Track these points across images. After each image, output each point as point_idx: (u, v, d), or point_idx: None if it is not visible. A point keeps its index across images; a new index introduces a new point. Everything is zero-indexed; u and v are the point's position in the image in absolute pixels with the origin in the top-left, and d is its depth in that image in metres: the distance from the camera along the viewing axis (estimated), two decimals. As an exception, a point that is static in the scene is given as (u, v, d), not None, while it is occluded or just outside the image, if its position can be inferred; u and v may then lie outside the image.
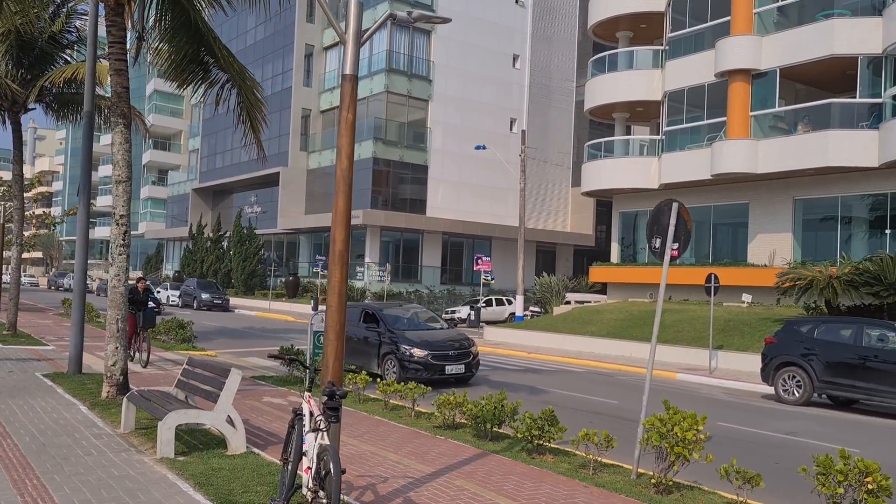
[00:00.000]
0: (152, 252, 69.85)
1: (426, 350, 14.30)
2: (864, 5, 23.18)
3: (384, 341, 14.75)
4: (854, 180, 23.40)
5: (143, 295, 15.62)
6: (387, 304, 17.42)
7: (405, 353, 14.23)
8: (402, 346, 14.33)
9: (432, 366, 14.21)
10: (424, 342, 14.51)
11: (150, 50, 12.21)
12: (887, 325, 14.31)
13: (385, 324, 15.06)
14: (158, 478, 6.56)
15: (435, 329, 15.91)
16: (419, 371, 14.01)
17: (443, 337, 15.18)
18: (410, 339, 14.55)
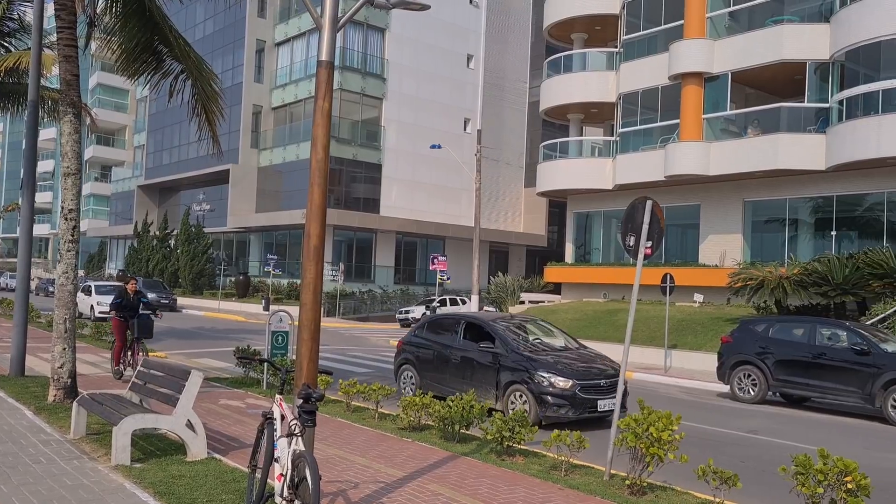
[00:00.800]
0: (95, 250, 67.75)
1: (571, 379, 10.60)
2: (813, 12, 23.77)
3: (505, 366, 11.04)
4: (802, 183, 23.97)
5: (133, 298, 13.02)
6: (490, 314, 13.72)
7: (543, 384, 10.51)
8: (537, 374, 10.60)
9: (581, 401, 10.51)
10: (566, 368, 10.88)
11: (100, 37, 11.67)
12: (839, 324, 14.64)
13: (504, 342, 11.35)
14: (115, 486, 6.19)
15: (566, 349, 12.00)
16: (563, 408, 10.42)
17: (582, 361, 11.46)
18: (547, 364, 10.84)
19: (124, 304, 12.88)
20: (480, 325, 12.10)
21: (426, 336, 12.78)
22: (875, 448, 10.55)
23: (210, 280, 45.47)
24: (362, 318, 38.31)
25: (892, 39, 20.70)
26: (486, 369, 11.33)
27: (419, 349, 12.67)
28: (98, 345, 18.09)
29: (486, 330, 11.86)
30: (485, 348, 11.42)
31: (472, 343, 11.89)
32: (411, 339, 12.99)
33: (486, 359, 11.39)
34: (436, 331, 12.73)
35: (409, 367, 12.78)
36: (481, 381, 11.32)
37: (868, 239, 22.66)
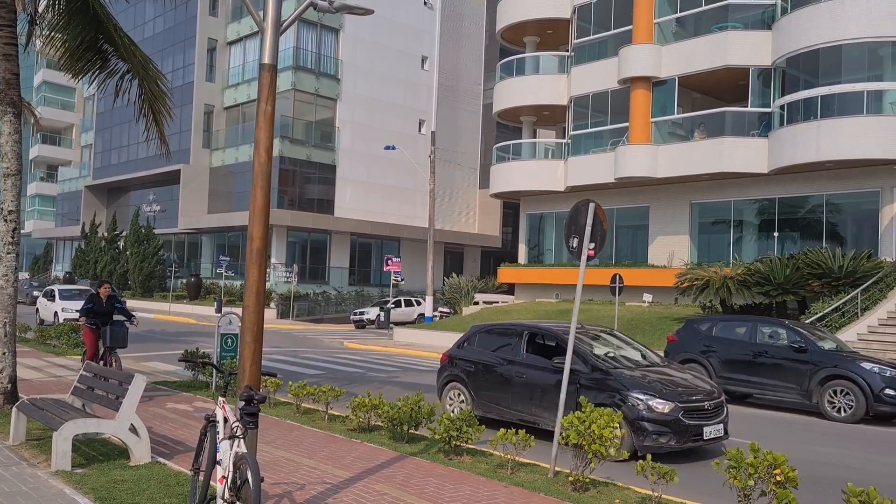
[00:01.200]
0: (40, 252, 65.96)
1: (671, 401, 8.90)
2: (756, 20, 24.47)
3: (587, 385, 9.36)
4: (746, 185, 24.65)
5: (106, 303, 11.88)
6: (555, 323, 12.03)
7: (638, 407, 8.85)
8: (631, 396, 8.94)
9: (685, 428, 8.84)
10: (663, 388, 9.17)
11: (41, 36, 11.42)
12: (778, 322, 15.11)
13: (584, 357, 9.63)
14: (55, 493, 6.10)
15: (652, 364, 10.29)
16: (664, 436, 8.74)
17: (677, 378, 9.74)
18: (641, 383, 9.17)
19: (96, 309, 11.77)
20: (548, 337, 10.61)
21: (478, 349, 11.07)
22: (811, 442, 10.94)
23: (161, 282, 44.69)
24: (316, 319, 38.09)
25: (829, 47, 21.45)
26: (557, 391, 9.12)
27: (470, 364, 10.95)
28: (42, 349, 17.69)
29: (557, 343, 10.30)
30: (561, 365, 9.07)
31: (538, 357, 10.27)
32: (459, 353, 11.33)
33: (560, 378, 9.11)
34: (490, 343, 11.02)
35: (457, 385, 11.08)
36: (555, 403, 8.97)
37: (809, 240, 23.42)
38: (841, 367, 13.13)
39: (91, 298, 11.93)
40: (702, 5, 25.10)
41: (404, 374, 17.33)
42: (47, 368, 14.42)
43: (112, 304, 11.93)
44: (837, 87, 21.47)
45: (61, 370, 14.30)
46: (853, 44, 21.11)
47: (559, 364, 9.36)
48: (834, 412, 13.04)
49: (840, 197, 22.91)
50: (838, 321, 18.29)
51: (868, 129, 20.55)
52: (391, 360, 20.73)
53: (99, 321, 11.77)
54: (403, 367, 18.90)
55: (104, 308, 11.86)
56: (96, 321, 11.77)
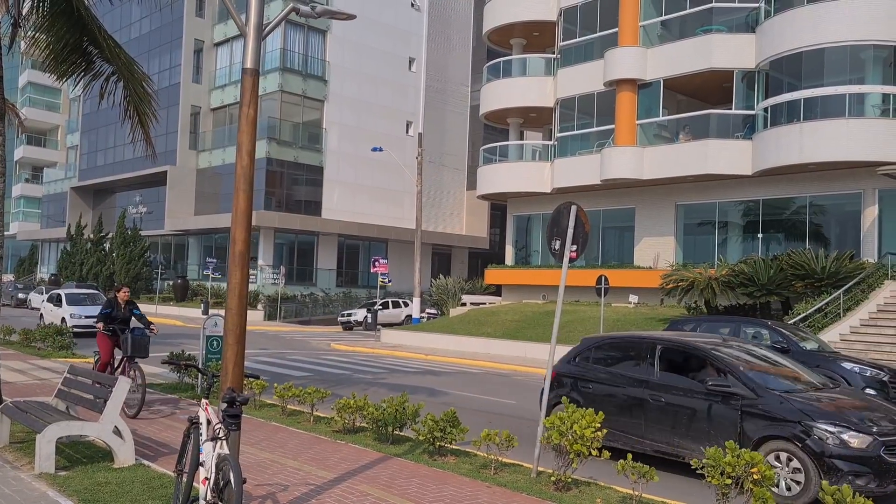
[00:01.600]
0: (25, 254, 65.48)
1: (868, 434, 7.27)
2: (740, 23, 24.69)
3: (753, 413, 7.79)
4: (730, 187, 24.85)
5: (124, 309, 11.09)
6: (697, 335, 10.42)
7: (826, 441, 7.25)
8: (817, 428, 7.33)
9: (887, 467, 7.18)
10: (858, 418, 7.51)
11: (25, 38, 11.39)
12: (761, 323, 15.26)
13: (746, 379, 8.05)
14: (38, 495, 6.11)
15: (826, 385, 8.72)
16: (861, 477, 7.12)
17: (869, 406, 8.07)
18: (828, 413, 7.54)
19: (114, 315, 10.94)
20: (691, 353, 8.73)
21: (595, 366, 9.48)
22: (792, 441, 11.04)
23: (147, 284, 44.48)
24: (304, 321, 38.04)
25: (812, 50, 21.67)
26: (717, 417, 8.03)
27: (587, 384, 9.37)
28: (26, 351, 17.59)
29: (707, 360, 8.51)
30: (717, 388, 7.97)
31: (679, 377, 8.61)
32: (571, 370, 9.72)
33: (715, 402, 8.06)
34: (610, 358, 9.42)
35: None
36: (707, 433, 8.04)
37: (793, 241, 23.64)
38: (823, 368, 13.25)
39: (109, 303, 11.08)
40: (686, 8, 25.30)
41: (391, 376, 17.37)
42: (32, 371, 14.36)
43: (130, 310, 11.14)
44: (820, 89, 21.70)
45: (46, 373, 14.25)
46: (835, 47, 21.34)
47: (716, 387, 7.99)
48: (815, 412, 13.17)
49: (823, 199, 23.14)
50: (821, 322, 18.48)
51: (850, 131, 20.78)
52: (378, 362, 20.77)
53: (117, 328, 10.90)
54: (390, 369, 18.94)
55: (122, 314, 11.05)
56: (114, 327, 10.89)
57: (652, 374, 8.72)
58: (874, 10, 20.79)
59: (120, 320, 10.98)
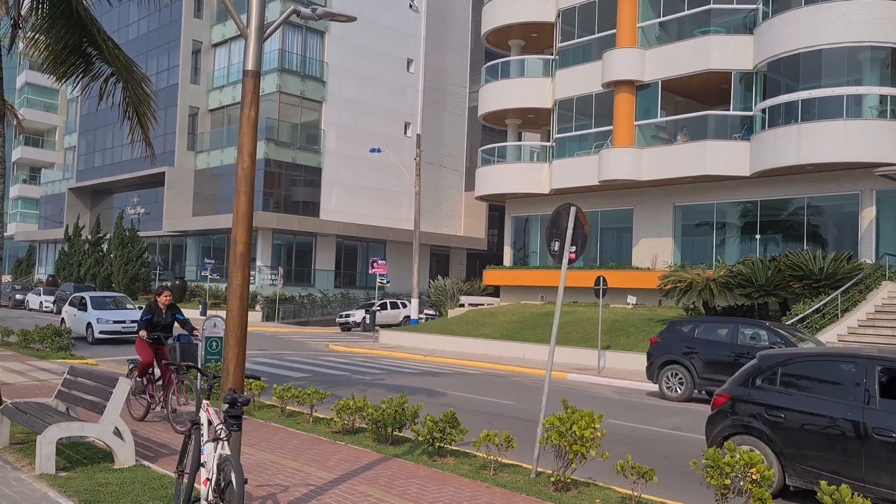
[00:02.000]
0: (23, 255, 65.38)
1: None
2: (737, 24, 24.73)
3: None
4: (728, 188, 24.89)
5: (165, 314, 10.29)
6: None
7: None
8: None
9: None
10: None
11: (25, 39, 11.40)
12: (759, 324, 15.30)
13: None
14: (38, 496, 6.12)
15: None
16: None
17: None
18: None
19: (156, 321, 10.14)
20: None
21: (789, 389, 7.72)
22: (790, 441, 11.09)
23: (145, 285, 44.44)
24: (302, 322, 38.03)
25: (809, 52, 21.72)
26: None
27: (777, 412, 7.62)
28: (25, 352, 17.58)
29: None
30: None
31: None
32: (751, 394, 7.96)
33: None
34: (803, 380, 7.72)
35: (751, 440, 7.76)
36: None
37: (791, 242, 23.68)
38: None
39: (149, 309, 10.19)
40: (684, 10, 25.34)
41: (389, 377, 17.39)
42: (30, 372, 14.36)
43: (172, 315, 10.28)
44: (818, 91, 21.74)
45: (44, 374, 14.25)
46: (833, 48, 21.39)
47: None
48: (813, 412, 13.19)
49: (821, 199, 23.19)
50: (819, 322, 18.52)
51: (848, 132, 20.83)
52: (376, 363, 20.78)
53: (160, 335, 10.15)
54: (388, 370, 18.95)
55: (164, 319, 10.21)
56: (157, 335, 10.11)
57: (870, 399, 7.01)
58: (872, 11, 20.84)
59: (162, 326, 10.17)
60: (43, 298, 40.25)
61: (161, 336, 10.13)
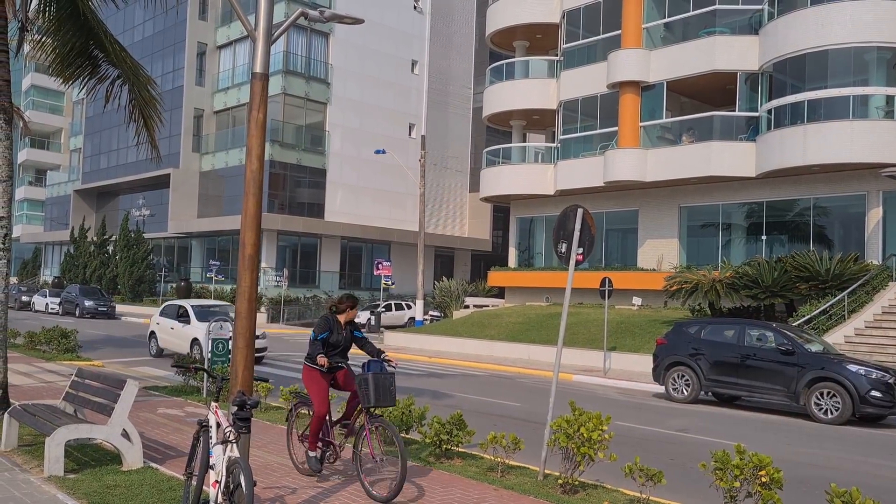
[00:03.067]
0: (29, 257, 65.60)
1: None
2: (743, 24, 24.69)
3: None
4: (734, 189, 24.84)
5: (345, 331, 7.31)
6: None
7: None
8: None
9: None
10: None
11: (32, 41, 11.44)
12: (766, 325, 15.25)
13: None
14: (47, 498, 6.13)
15: None
16: None
17: None
18: None
19: (333, 341, 7.17)
20: None
21: None
22: (797, 444, 11.07)
23: (150, 286, 44.56)
24: (307, 323, 38.04)
25: (816, 52, 21.67)
26: None
27: None
28: (32, 354, 17.62)
29: None
30: None
31: None
32: None
33: None
34: None
35: None
36: None
37: (797, 243, 23.63)
38: (828, 370, 13.28)
39: (325, 323, 7.16)
40: (690, 10, 25.30)
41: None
42: (38, 374, 14.39)
43: (351, 332, 7.37)
44: (824, 91, 21.69)
45: (52, 375, 14.28)
46: (839, 49, 21.34)
47: None
48: (821, 414, 13.18)
49: (827, 200, 23.12)
50: (825, 323, 18.47)
51: (854, 133, 20.77)
52: (382, 364, 20.72)
53: (340, 360, 7.19)
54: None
55: (344, 339, 7.29)
56: (339, 361, 7.15)
57: None
58: (878, 11, 20.79)
59: (341, 349, 7.28)
60: (49, 300, 40.34)
61: (342, 362, 7.23)
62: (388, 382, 6.86)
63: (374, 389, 6.72)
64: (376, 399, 6.72)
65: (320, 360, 6.95)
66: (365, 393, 6.74)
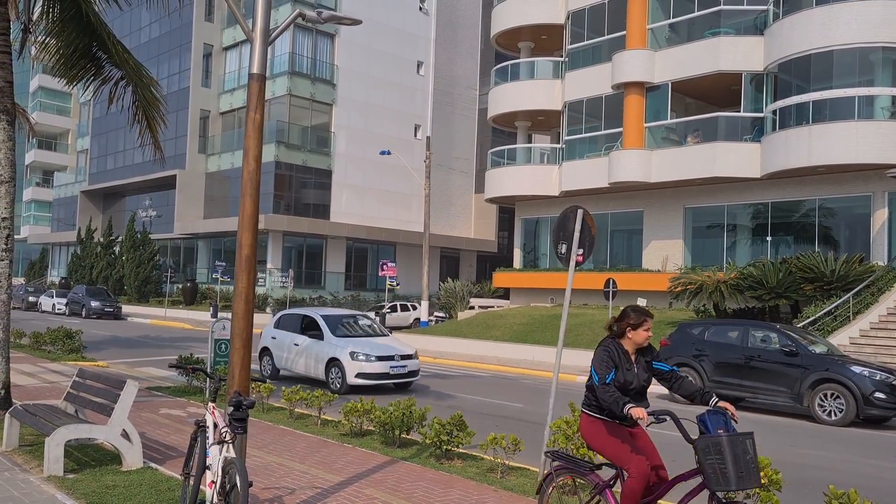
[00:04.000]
0: (36, 257, 65.89)
1: None
2: (748, 25, 24.62)
3: None
4: (739, 190, 24.76)
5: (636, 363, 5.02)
6: None
7: None
8: None
9: None
10: None
11: (36, 43, 11.50)
12: (770, 326, 15.19)
13: None
14: (46, 498, 6.15)
15: None
16: None
17: None
18: None
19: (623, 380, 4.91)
20: None
21: None
22: (801, 445, 11.02)
23: (156, 287, 44.70)
24: (312, 324, 38.05)
25: (821, 53, 21.58)
26: None
27: None
28: (37, 354, 17.69)
29: None
30: None
31: None
32: None
33: None
34: None
35: None
36: None
37: (802, 244, 23.53)
38: (832, 371, 13.22)
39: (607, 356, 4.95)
40: (694, 11, 25.24)
41: (398, 379, 17.35)
42: (42, 374, 14.45)
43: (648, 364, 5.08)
44: (829, 92, 21.60)
45: (56, 376, 14.34)
46: (845, 49, 21.25)
47: None
48: (824, 415, 13.12)
49: (832, 201, 23.03)
50: (830, 325, 18.39)
51: (859, 134, 20.68)
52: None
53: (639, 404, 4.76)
54: (398, 372, 18.92)
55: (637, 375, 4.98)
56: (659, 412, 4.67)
57: None
58: (884, 11, 20.69)
59: (636, 390, 4.96)
60: (55, 301, 40.53)
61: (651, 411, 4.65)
62: (747, 449, 4.48)
63: (732, 461, 4.39)
64: (738, 478, 4.37)
65: (635, 412, 4.52)
66: (717, 467, 4.39)
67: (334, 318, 15.78)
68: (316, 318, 15.62)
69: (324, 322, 15.39)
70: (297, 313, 16.42)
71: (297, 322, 16.08)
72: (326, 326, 15.26)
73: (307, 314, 16.09)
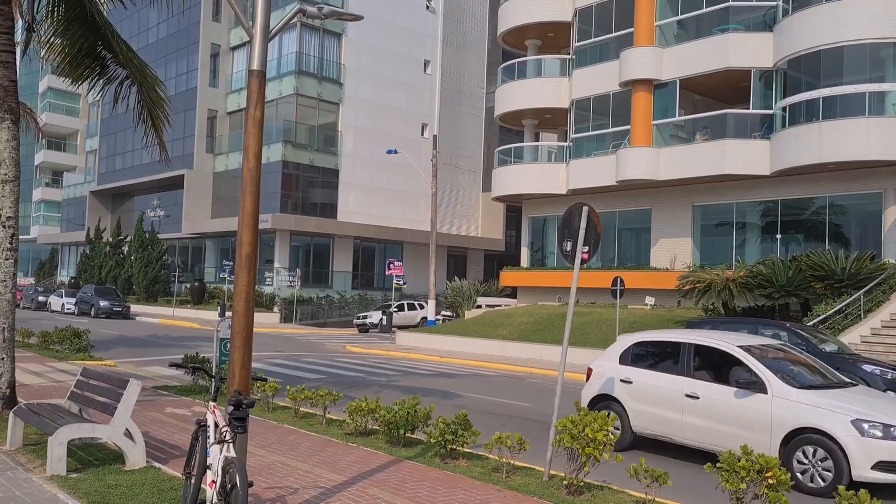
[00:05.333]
0: (45, 257, 66.23)
1: None
2: (757, 21, 24.43)
3: None
4: (748, 188, 24.59)
5: None
6: None
7: None
8: None
9: None
10: None
11: (40, 42, 11.50)
12: (780, 325, 15.04)
13: None
14: (48, 497, 6.12)
15: None
16: None
17: None
18: None
19: None
20: None
21: None
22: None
23: (165, 287, 44.82)
24: (320, 323, 38.11)
25: (831, 49, 21.39)
26: None
27: None
28: (45, 354, 17.72)
29: None
30: None
31: None
32: None
33: None
34: None
35: None
36: None
37: (812, 242, 23.34)
38: (842, 370, 13.05)
39: None
40: (703, 7, 25.07)
41: (405, 378, 17.34)
42: (49, 374, 14.47)
43: None
44: (839, 88, 21.40)
45: (63, 375, 14.34)
46: (855, 45, 21.05)
47: None
48: (835, 415, 12.97)
49: (843, 199, 22.83)
50: (841, 323, 18.21)
51: (870, 130, 20.48)
52: (392, 364, 20.74)
53: None
54: (404, 371, 18.91)
55: None
56: None
57: None
58: (894, 7, 20.49)
59: None
60: (65, 300, 40.70)
61: None
62: None
63: None
64: None
65: None
66: None
67: (769, 352, 9.27)
68: (731, 353, 8.94)
69: (756, 361, 8.71)
70: (673, 341, 9.70)
71: (681, 355, 9.41)
72: (767, 369, 8.59)
73: (701, 343, 9.33)
